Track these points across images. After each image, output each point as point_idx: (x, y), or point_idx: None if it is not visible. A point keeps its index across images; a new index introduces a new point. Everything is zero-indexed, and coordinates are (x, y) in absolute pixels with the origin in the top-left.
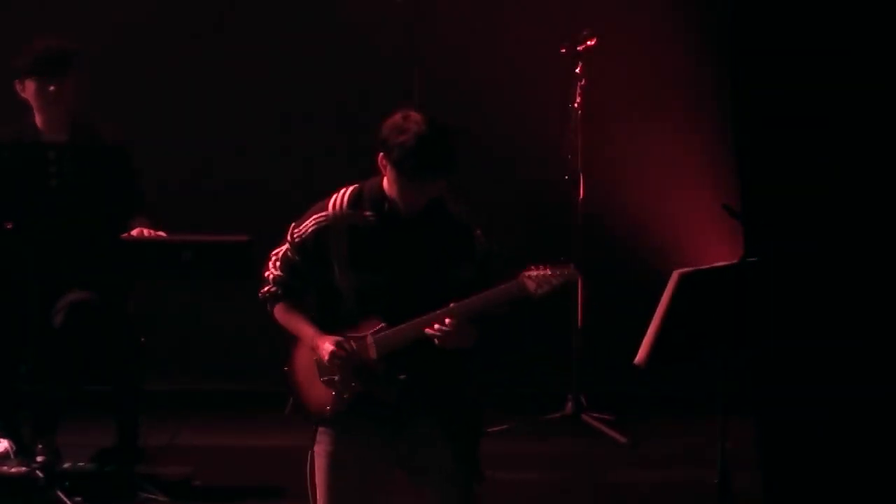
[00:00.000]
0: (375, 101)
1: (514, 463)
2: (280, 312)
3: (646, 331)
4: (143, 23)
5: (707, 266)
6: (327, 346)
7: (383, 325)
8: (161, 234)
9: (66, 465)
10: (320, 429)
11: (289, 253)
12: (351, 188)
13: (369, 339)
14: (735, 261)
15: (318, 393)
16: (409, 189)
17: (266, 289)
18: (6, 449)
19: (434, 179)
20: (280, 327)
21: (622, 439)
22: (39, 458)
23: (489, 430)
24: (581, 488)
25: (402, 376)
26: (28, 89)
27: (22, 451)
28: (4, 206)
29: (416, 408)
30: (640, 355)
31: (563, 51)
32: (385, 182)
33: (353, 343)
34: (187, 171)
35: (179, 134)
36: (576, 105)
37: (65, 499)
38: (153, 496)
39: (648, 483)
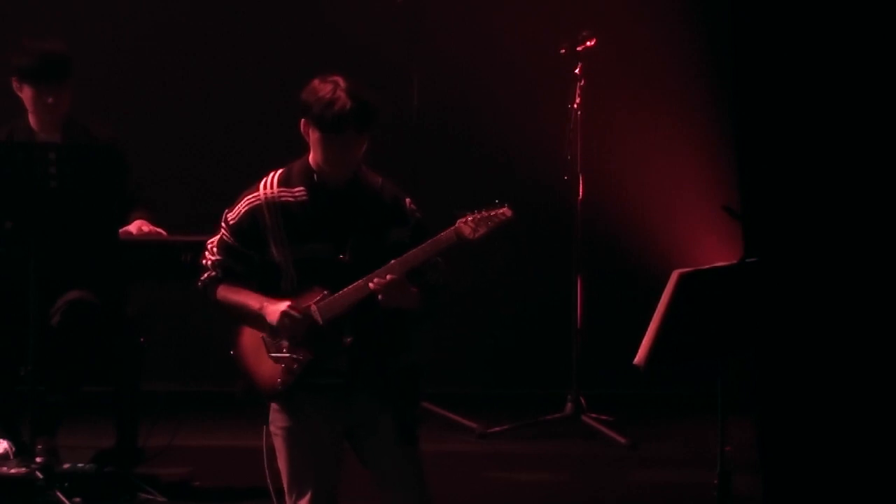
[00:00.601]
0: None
1: (514, 464)
2: (222, 293)
3: (645, 331)
4: (142, 22)
5: (707, 266)
6: (278, 306)
7: (326, 292)
8: (160, 230)
9: (65, 466)
10: (273, 407)
11: (225, 237)
12: (279, 170)
13: (313, 307)
14: (735, 261)
15: (267, 369)
16: (331, 148)
17: (205, 275)
18: (5, 449)
19: (355, 129)
20: (223, 310)
21: (622, 440)
22: (38, 459)
23: (489, 431)
24: (580, 489)
25: (348, 339)
26: (25, 94)
27: (21, 451)
28: (3, 206)
29: (362, 376)
30: (640, 356)
31: (563, 51)
32: (311, 156)
33: (299, 310)
34: (186, 171)
35: (179, 134)
36: (575, 106)
37: (64, 499)
38: (152, 497)
39: (648, 484)
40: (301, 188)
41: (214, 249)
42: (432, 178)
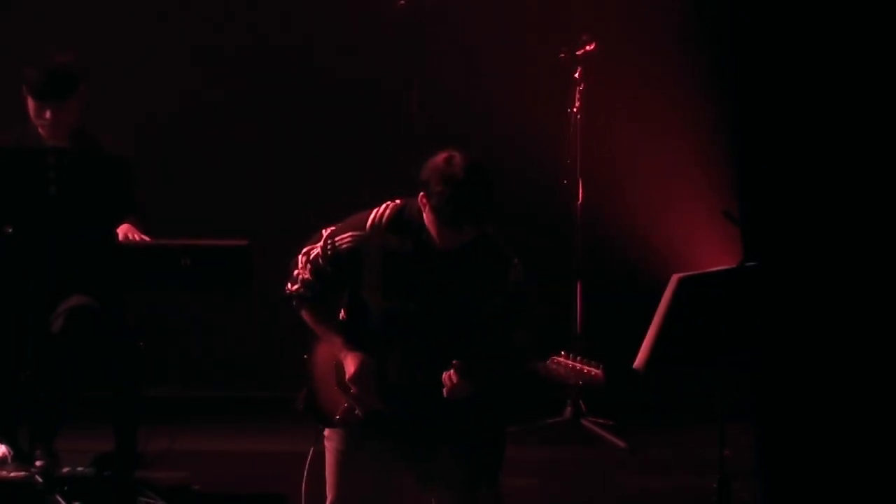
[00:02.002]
0: (375, 107)
1: (513, 468)
2: (307, 314)
3: (645, 335)
4: (143, 29)
5: (706, 270)
6: (351, 365)
7: (404, 356)
8: (146, 238)
9: (64, 470)
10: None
11: (320, 259)
12: (392, 207)
13: (391, 366)
14: (734, 265)
15: (331, 396)
16: (445, 233)
17: (295, 288)
18: (4, 454)
19: (471, 227)
20: (305, 324)
21: (621, 445)
22: (38, 463)
23: None
24: (580, 494)
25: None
26: (29, 105)
27: (20, 456)
28: (3, 212)
29: (428, 430)
30: (639, 360)
31: (563, 55)
32: (425, 217)
33: (373, 371)
34: (186, 176)
35: (179, 140)
36: (575, 110)
37: (63, 503)
38: (152, 501)
39: (648, 489)
40: (408, 240)
41: (308, 267)
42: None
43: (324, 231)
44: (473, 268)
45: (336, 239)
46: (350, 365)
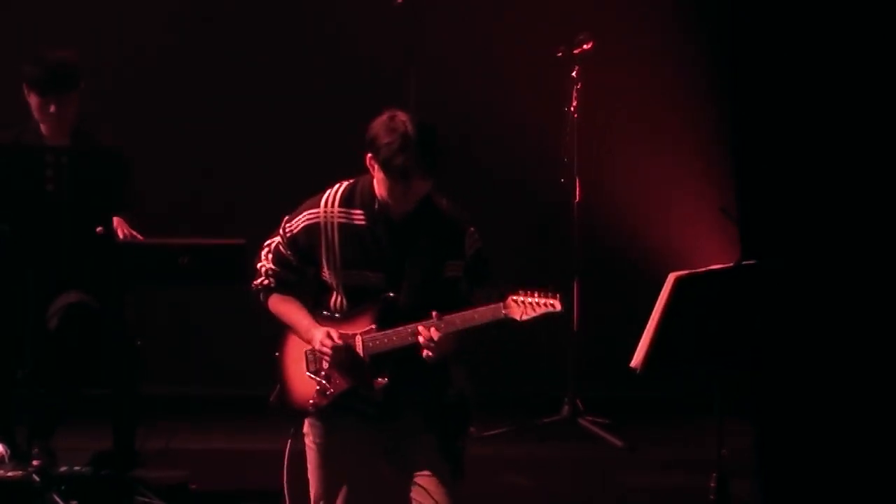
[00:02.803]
0: (371, 105)
1: (510, 467)
2: (274, 303)
3: (642, 334)
4: (141, 29)
5: (703, 269)
6: (317, 335)
7: (373, 326)
8: (137, 234)
9: (62, 469)
10: (308, 420)
11: (280, 247)
12: (344, 185)
13: (358, 339)
14: (731, 264)
15: (302, 385)
16: (396, 189)
17: (259, 280)
18: (1, 453)
19: (420, 179)
20: (273, 317)
21: (619, 443)
22: (35, 462)
23: (486, 434)
24: (577, 492)
25: (384, 379)
26: (31, 101)
27: (17, 454)
28: (1, 210)
29: (399, 406)
30: (637, 359)
31: (560, 54)
32: (375, 183)
33: (340, 336)
34: (184, 174)
35: (178, 137)
36: (572, 108)
37: (61, 502)
38: (149, 500)
39: (645, 487)
40: (361, 212)
41: (270, 257)
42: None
43: (283, 220)
44: (429, 235)
45: (292, 223)
46: (317, 335)
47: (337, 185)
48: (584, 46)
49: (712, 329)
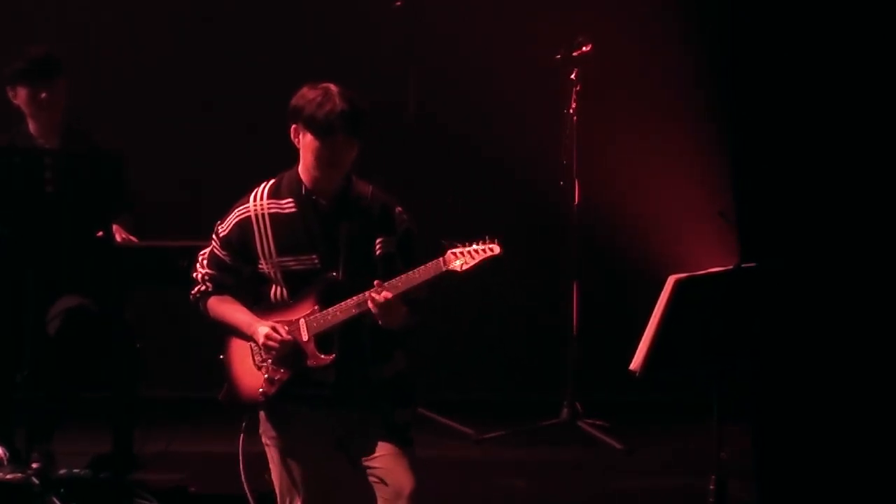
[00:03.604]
0: (372, 107)
1: (510, 470)
2: (213, 306)
3: (641, 337)
4: (141, 29)
5: (702, 272)
6: (261, 330)
7: (316, 307)
8: (132, 238)
9: (61, 472)
10: (262, 416)
11: (215, 250)
12: (270, 181)
13: (301, 322)
14: (730, 267)
15: (251, 378)
16: (322, 151)
17: (196, 289)
18: (1, 456)
19: (345, 133)
20: (213, 321)
21: (618, 446)
22: (35, 465)
23: (485, 437)
24: (576, 495)
25: (330, 356)
26: (20, 96)
27: (17, 457)
28: (0, 212)
29: (349, 387)
30: (636, 362)
31: (559, 57)
32: (301, 166)
33: (285, 327)
34: (184, 177)
35: (177, 140)
36: (571, 111)
37: None
38: (148, 502)
39: (644, 490)
40: (290, 200)
41: (205, 262)
42: (428, 182)
43: (215, 226)
44: (358, 214)
45: (224, 224)
46: (261, 331)
47: (263, 183)
48: (584, 49)
49: (711, 332)
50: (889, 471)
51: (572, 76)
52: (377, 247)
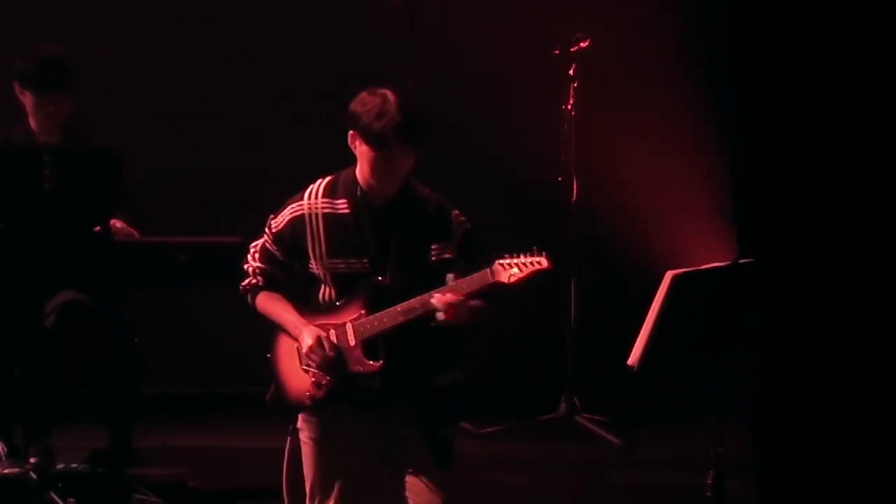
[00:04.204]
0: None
1: (507, 465)
2: (262, 301)
3: (639, 333)
4: (141, 29)
5: (700, 267)
6: (307, 339)
7: (363, 311)
8: (133, 231)
9: (59, 467)
10: (302, 416)
11: (267, 244)
12: (327, 178)
13: (349, 326)
14: (728, 262)
15: (298, 380)
16: (378, 162)
17: (247, 281)
18: None
19: (402, 145)
20: (261, 317)
21: (616, 442)
22: (32, 460)
23: (483, 432)
24: (574, 491)
25: (378, 362)
26: (27, 100)
27: (14, 452)
28: None
29: (394, 392)
30: (633, 357)
31: (557, 53)
32: (358, 168)
33: (332, 334)
34: (183, 174)
35: (176, 137)
36: (569, 107)
37: (58, 500)
38: (146, 497)
39: (642, 486)
40: (345, 201)
41: (257, 256)
42: (426, 179)
43: (268, 220)
44: (413, 219)
45: (278, 219)
46: (306, 340)
47: (319, 180)
48: (582, 45)
49: (709, 327)
50: (888, 468)
51: (570, 72)
52: (432, 253)
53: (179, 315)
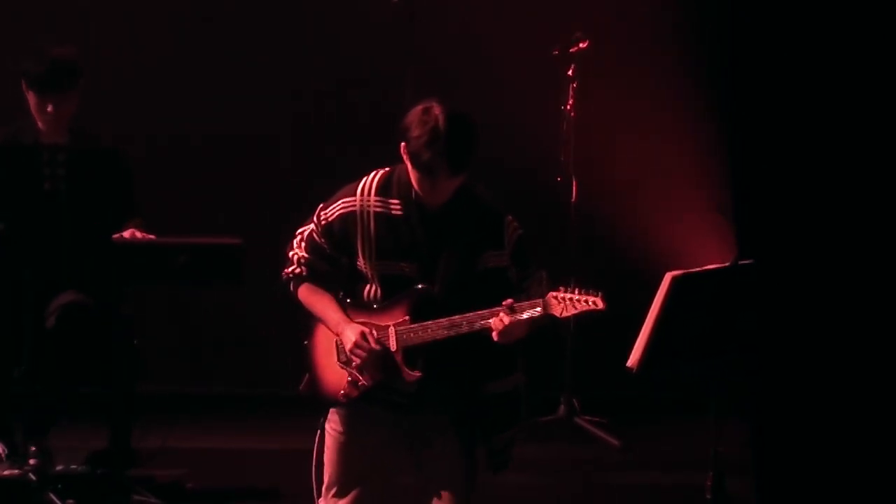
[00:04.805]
0: (368, 102)
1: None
2: (304, 293)
3: (638, 334)
4: (141, 29)
5: (699, 269)
6: (350, 335)
7: (407, 317)
8: (151, 237)
9: (58, 468)
10: (333, 408)
11: (314, 235)
12: (381, 172)
13: (391, 330)
14: (727, 263)
15: (333, 375)
16: (423, 183)
17: (291, 269)
18: None
19: (447, 177)
20: (302, 307)
21: (615, 442)
22: (32, 461)
23: None
24: (574, 491)
25: (417, 373)
26: (29, 98)
27: (14, 453)
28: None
29: (428, 400)
30: (633, 358)
31: (556, 53)
32: (408, 165)
33: (375, 333)
34: (183, 173)
35: (176, 136)
36: (568, 107)
37: (57, 501)
38: (146, 499)
39: (641, 486)
40: (398, 201)
41: (303, 245)
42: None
43: (318, 208)
44: (467, 225)
45: (328, 210)
46: (350, 336)
47: (373, 173)
48: (581, 45)
49: (708, 328)
50: (887, 468)
51: (569, 72)
52: (485, 260)
53: (179, 316)
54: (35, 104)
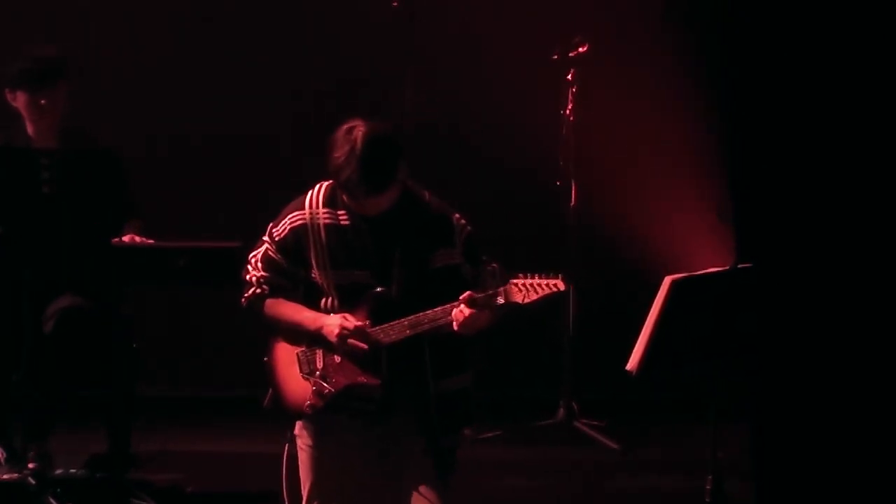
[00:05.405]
0: (368, 107)
1: (505, 470)
2: (270, 308)
3: (637, 338)
4: (141, 29)
5: (699, 272)
6: (333, 323)
7: (367, 322)
8: (149, 241)
9: (57, 472)
10: (300, 423)
11: (269, 253)
12: (327, 184)
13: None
14: (727, 267)
15: (297, 387)
16: (352, 204)
17: (251, 291)
18: None
19: (365, 197)
20: (270, 323)
21: (614, 446)
22: (31, 465)
23: (481, 437)
24: (573, 495)
25: (380, 375)
26: (19, 101)
27: (13, 456)
28: None
29: (394, 404)
30: (632, 362)
31: (555, 57)
32: None
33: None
34: (181, 176)
35: (174, 139)
36: (568, 111)
37: None
38: (145, 502)
39: (640, 490)
40: (344, 211)
41: (259, 265)
42: (424, 181)
43: (268, 227)
44: (415, 227)
45: (279, 227)
46: (333, 323)
47: (318, 186)
48: (580, 49)
49: (708, 332)
50: (888, 471)
51: (569, 77)
52: (437, 259)
53: (178, 319)
54: (26, 103)
